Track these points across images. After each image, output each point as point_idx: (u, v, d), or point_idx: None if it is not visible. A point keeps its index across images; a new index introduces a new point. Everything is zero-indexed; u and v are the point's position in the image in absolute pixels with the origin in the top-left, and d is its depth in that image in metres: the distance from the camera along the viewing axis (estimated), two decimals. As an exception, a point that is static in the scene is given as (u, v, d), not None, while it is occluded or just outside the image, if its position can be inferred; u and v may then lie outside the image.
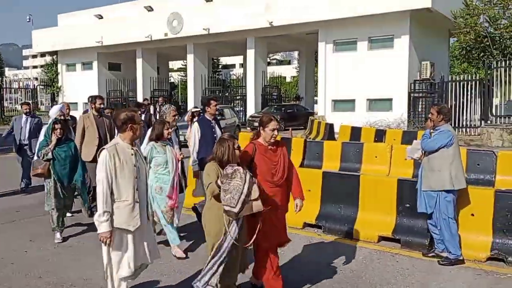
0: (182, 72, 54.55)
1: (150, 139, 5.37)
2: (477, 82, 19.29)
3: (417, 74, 21.71)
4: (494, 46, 18.98)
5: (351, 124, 17.63)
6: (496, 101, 19.09)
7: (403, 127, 19.47)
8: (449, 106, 19.71)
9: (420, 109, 21.35)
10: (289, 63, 75.12)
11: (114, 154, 3.57)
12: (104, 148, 3.61)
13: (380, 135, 14.89)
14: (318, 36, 23.85)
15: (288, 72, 68.46)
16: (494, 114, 18.54)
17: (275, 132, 4.04)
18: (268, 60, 61.96)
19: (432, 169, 5.06)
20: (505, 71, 18.50)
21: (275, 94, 30.09)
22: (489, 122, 18.31)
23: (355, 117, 21.38)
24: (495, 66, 18.52)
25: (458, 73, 21.74)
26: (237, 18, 25.22)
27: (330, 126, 17.41)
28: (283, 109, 25.35)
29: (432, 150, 5.09)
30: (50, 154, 5.84)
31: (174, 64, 58.11)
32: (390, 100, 21.96)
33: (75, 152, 6.10)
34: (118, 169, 3.56)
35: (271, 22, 24.06)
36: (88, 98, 7.61)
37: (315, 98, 30.38)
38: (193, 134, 6.16)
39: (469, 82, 19.55)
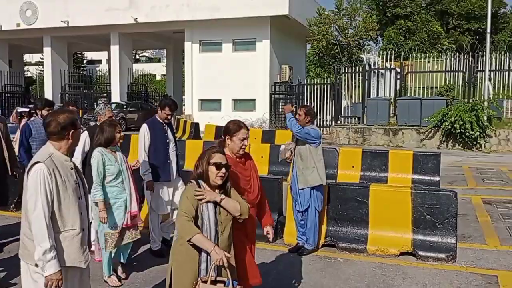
0: (41, 66, 50.31)
1: (98, 144, 4.43)
2: (329, 85, 21.21)
3: (277, 76, 23.08)
4: (343, 53, 21.04)
5: (218, 123, 18.16)
6: (344, 103, 21.22)
7: (264, 127, 20.58)
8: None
9: (280, 110, 22.77)
10: (159, 60, 73.84)
11: (53, 169, 2.72)
12: (38, 162, 2.72)
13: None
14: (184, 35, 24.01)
15: (159, 70, 67.24)
16: (343, 115, 20.58)
17: (245, 142, 3.42)
18: (137, 57, 60.13)
19: (307, 167, 5.32)
20: (351, 76, 20.67)
21: (142, 92, 29.44)
22: (338, 122, 20.26)
23: (221, 117, 21.99)
24: (343, 71, 20.56)
25: (313, 76, 23.63)
26: (100, 12, 24.15)
27: (196, 125, 17.71)
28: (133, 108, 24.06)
29: (304, 151, 5.36)
30: None
31: (33, 57, 53.26)
32: (254, 100, 23.03)
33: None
34: (60, 189, 2.74)
35: (136, 18, 23.54)
36: None
37: (183, 97, 30.48)
38: (142, 137, 5.28)
39: (322, 86, 21.42)
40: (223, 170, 2.89)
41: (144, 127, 5.32)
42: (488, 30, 17.11)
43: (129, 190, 4.42)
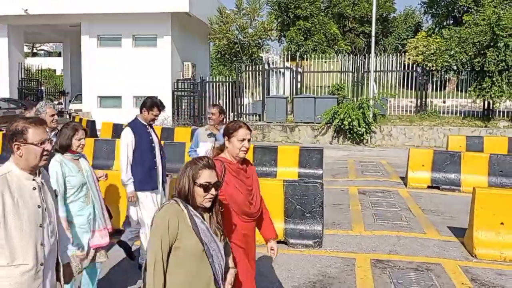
0: None
1: (54, 150, 3.66)
2: (231, 83, 21.62)
3: (180, 73, 23.00)
4: (244, 52, 21.54)
5: (119, 120, 17.71)
6: (246, 101, 21.78)
7: (166, 124, 20.43)
8: (208, 105, 21.66)
9: (183, 107, 22.74)
10: (59, 55, 69.57)
11: (2, 190, 2.28)
12: None
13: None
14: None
15: (59, 64, 63.37)
16: (244, 112, 21.12)
17: (246, 144, 2.99)
18: (35, 50, 56.10)
19: None
20: (252, 74, 21.26)
21: (36, 88, 27.61)
22: (240, 119, 20.74)
23: (122, 114, 21.42)
24: (244, 70, 21.08)
25: (217, 74, 23.93)
26: (-15, 1, 22.28)
27: (92, 123, 17.12)
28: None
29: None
30: None
31: None
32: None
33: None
34: (9, 215, 2.27)
35: (26, 10, 22.05)
36: None
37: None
38: (125, 142, 4.71)
39: (224, 83, 21.77)
40: (213, 191, 2.40)
41: (127, 131, 4.77)
42: (373, 34, 18.55)
43: (98, 204, 3.79)
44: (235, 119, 21.20)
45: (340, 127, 17.51)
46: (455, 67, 17.20)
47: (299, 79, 22.86)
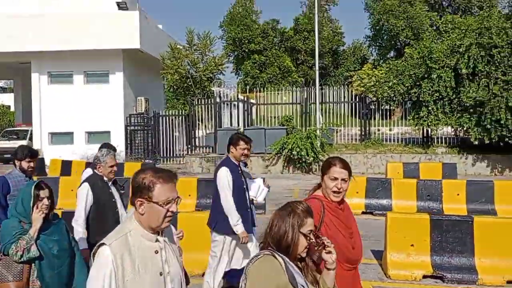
0: None
1: None
2: (184, 117, 21.95)
3: (133, 108, 23.16)
4: (196, 86, 22.02)
5: (71, 157, 17.66)
6: (199, 133, 22.15)
7: (119, 159, 20.43)
8: (162, 139, 21.89)
9: (137, 141, 22.84)
10: (13, 91, 67.95)
11: (123, 255, 2.02)
12: (102, 244, 2.05)
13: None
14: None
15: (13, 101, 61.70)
16: (199, 144, 21.43)
17: (338, 184, 2.71)
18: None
19: None
20: (205, 108, 21.71)
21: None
22: (194, 152, 21.02)
23: (74, 150, 21.33)
24: (196, 103, 21.51)
25: (171, 108, 24.26)
26: None
27: (41, 160, 16.94)
28: None
29: None
30: (34, 249, 3.15)
31: None
32: (108, 132, 22.71)
33: (70, 240, 3.44)
34: (129, 284, 2.01)
35: (-26, 48, 21.83)
36: None
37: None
38: (225, 180, 4.52)
39: (178, 117, 22.08)
40: (312, 237, 2.16)
41: (224, 170, 4.56)
42: (317, 68, 19.53)
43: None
44: (189, 151, 21.48)
45: (290, 157, 18.09)
46: (394, 98, 18.17)
47: (251, 111, 23.51)
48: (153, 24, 25.32)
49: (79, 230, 4.26)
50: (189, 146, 21.58)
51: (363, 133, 19.97)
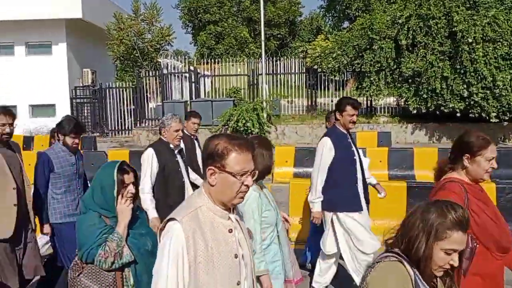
0: None
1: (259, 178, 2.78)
2: (132, 89, 21.58)
3: (79, 80, 22.57)
4: (144, 58, 21.61)
5: (15, 131, 17.14)
6: (151, 105, 21.87)
7: (64, 133, 20.00)
8: (109, 112, 21.49)
9: (86, 114, 22.34)
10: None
11: (194, 233, 1.79)
12: (172, 219, 1.82)
13: (28, 142, 15.10)
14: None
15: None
16: (148, 117, 21.19)
17: (494, 164, 2.49)
18: None
19: None
20: (154, 79, 21.40)
21: None
22: (143, 125, 20.79)
23: (17, 124, 20.69)
24: (144, 75, 21.15)
25: (120, 80, 23.72)
26: None
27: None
28: None
29: None
30: (127, 251, 2.49)
31: None
32: (54, 105, 22.14)
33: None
34: (201, 266, 1.78)
35: None
36: None
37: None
38: (321, 152, 4.10)
39: (125, 89, 21.69)
40: (454, 257, 1.69)
41: (328, 141, 4.09)
42: (262, 39, 19.42)
43: (287, 247, 2.98)
44: (137, 124, 21.21)
45: (236, 129, 18.16)
46: (338, 69, 18.43)
47: (203, 83, 23.33)
48: (98, -7, 24.51)
49: (148, 199, 3.95)
50: (138, 118, 21.32)
51: (310, 104, 20.24)
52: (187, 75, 22.35)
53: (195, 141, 5.54)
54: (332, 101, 20.52)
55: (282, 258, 2.89)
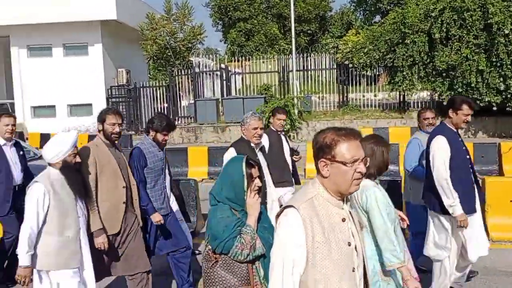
0: None
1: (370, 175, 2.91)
2: (165, 88, 22.03)
3: (114, 80, 23.19)
4: (176, 57, 22.01)
5: (54, 130, 17.88)
6: (184, 103, 22.28)
7: (100, 131, 20.61)
8: (143, 110, 22.02)
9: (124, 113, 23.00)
10: None
11: (312, 220, 1.88)
12: (290, 206, 1.91)
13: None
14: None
15: None
16: (180, 115, 21.59)
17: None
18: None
19: None
20: (187, 78, 21.77)
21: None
22: (176, 123, 21.20)
23: (56, 123, 21.47)
24: (176, 73, 21.55)
25: (153, 79, 24.26)
26: None
27: (20, 134, 17.14)
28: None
29: None
30: (259, 244, 2.57)
31: None
32: (90, 105, 22.84)
33: None
34: (318, 253, 1.86)
35: (-49, 23, 21.67)
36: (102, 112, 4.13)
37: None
38: (442, 153, 3.95)
39: (159, 88, 22.16)
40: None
41: (443, 141, 3.93)
42: (293, 35, 19.45)
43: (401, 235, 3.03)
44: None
45: (268, 126, 18.25)
46: (370, 64, 18.29)
47: (234, 81, 23.56)
48: (131, -6, 25.07)
49: None
50: (171, 116, 21.71)
51: (341, 100, 20.15)
52: (218, 73, 22.66)
53: (282, 137, 5.41)
54: (363, 96, 20.38)
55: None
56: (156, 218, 4.16)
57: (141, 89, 22.11)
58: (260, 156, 4.12)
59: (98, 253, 3.70)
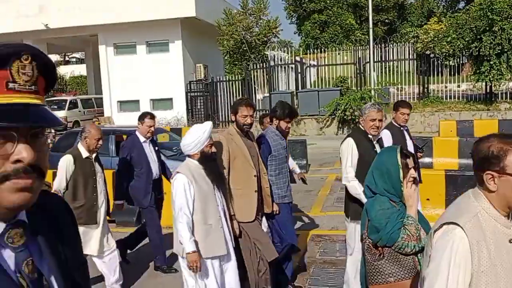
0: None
1: None
2: (241, 81, 22.48)
3: (192, 75, 24.05)
4: (252, 51, 22.34)
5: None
6: (259, 96, 22.61)
7: (180, 125, 21.53)
8: (220, 104, 22.64)
9: (199, 106, 23.83)
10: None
11: (479, 241, 1.64)
12: (453, 223, 1.69)
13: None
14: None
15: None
16: (256, 108, 21.90)
17: None
18: (67, 58, 58.93)
19: None
20: (262, 71, 22.06)
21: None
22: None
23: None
24: (252, 68, 21.89)
25: (229, 73, 24.82)
26: (8, 19, 23.91)
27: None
28: None
29: None
30: (424, 235, 2.58)
31: None
32: (171, 99, 23.88)
33: None
34: (485, 275, 1.62)
35: (47, 24, 23.59)
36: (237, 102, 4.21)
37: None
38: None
39: (235, 82, 22.65)
40: None
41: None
42: (370, 26, 19.03)
43: None
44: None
45: (344, 118, 18.07)
46: (453, 53, 17.38)
47: (309, 73, 23.49)
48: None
49: (356, 184, 3.83)
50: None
51: (421, 91, 19.36)
52: (293, 66, 22.69)
53: (405, 132, 5.27)
54: (445, 87, 19.41)
55: None
56: (274, 207, 4.29)
57: (218, 83, 22.74)
58: (378, 149, 3.96)
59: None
